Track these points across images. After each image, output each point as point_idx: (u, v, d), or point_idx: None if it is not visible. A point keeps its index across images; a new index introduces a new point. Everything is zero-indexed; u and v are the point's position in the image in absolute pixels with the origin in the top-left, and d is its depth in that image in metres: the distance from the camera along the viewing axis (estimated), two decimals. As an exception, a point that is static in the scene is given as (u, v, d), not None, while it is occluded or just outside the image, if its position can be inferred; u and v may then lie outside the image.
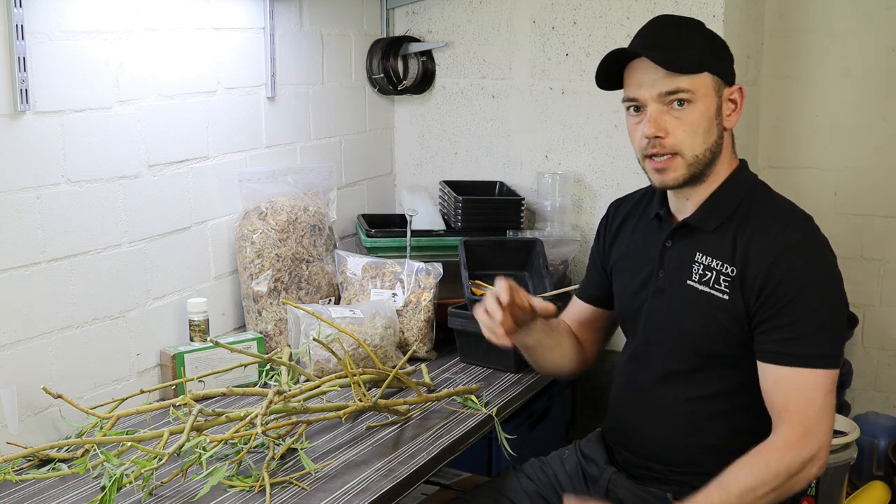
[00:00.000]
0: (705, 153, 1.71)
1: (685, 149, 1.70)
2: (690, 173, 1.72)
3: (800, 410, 1.63)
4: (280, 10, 2.41)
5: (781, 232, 1.68)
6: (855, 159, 2.99)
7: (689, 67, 1.69)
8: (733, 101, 1.75)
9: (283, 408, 1.77)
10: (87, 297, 1.91)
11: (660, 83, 1.68)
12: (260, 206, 2.28)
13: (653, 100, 1.69)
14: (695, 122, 1.69)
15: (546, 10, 2.73)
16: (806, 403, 1.63)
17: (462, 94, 2.89)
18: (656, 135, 1.69)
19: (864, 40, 2.92)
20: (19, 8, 1.70)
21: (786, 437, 1.64)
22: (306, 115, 2.56)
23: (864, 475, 2.91)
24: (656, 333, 1.82)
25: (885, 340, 3.05)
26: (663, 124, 1.69)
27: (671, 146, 1.70)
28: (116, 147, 1.96)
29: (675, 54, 1.69)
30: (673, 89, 1.68)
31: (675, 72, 1.68)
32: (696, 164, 1.71)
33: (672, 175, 1.72)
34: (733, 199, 1.75)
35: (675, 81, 1.68)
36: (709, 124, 1.71)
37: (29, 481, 1.65)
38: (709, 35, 1.78)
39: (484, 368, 2.25)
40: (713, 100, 1.71)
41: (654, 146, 1.70)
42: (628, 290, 1.88)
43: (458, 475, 2.23)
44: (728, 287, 1.70)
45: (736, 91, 1.75)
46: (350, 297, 2.35)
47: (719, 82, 1.72)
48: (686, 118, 1.69)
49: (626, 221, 1.94)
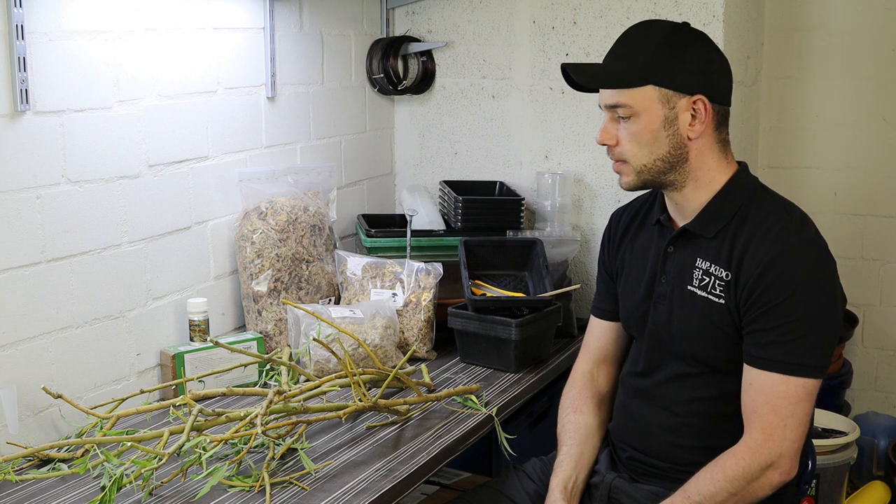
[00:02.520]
0: (655, 163, 1.73)
1: (630, 158, 1.74)
2: (642, 180, 1.76)
3: (764, 416, 1.65)
4: (280, 10, 2.41)
5: (777, 237, 1.68)
6: (855, 159, 2.99)
7: (626, 82, 1.70)
8: (693, 112, 1.70)
9: (283, 408, 1.77)
10: (87, 297, 1.91)
11: (604, 96, 1.75)
12: (260, 206, 2.28)
13: (605, 108, 1.76)
14: (637, 134, 1.72)
15: (546, 10, 2.73)
16: (771, 410, 1.64)
17: (462, 94, 2.89)
18: (605, 143, 1.76)
19: (864, 40, 2.92)
20: (19, 8, 1.70)
21: (747, 442, 1.66)
22: (306, 115, 2.56)
23: (864, 475, 2.91)
24: (660, 338, 1.82)
25: (885, 340, 3.05)
26: (613, 133, 1.75)
27: (618, 154, 1.76)
28: (116, 147, 1.96)
29: (613, 68, 1.73)
30: (612, 104, 1.73)
31: (609, 87, 1.72)
32: (646, 173, 1.74)
33: (624, 179, 1.78)
34: (733, 204, 1.75)
35: (614, 96, 1.72)
36: (653, 136, 1.71)
37: (29, 481, 1.65)
38: (663, 45, 1.70)
39: (484, 368, 2.25)
40: (658, 112, 1.70)
41: (609, 152, 1.78)
42: (633, 295, 1.88)
43: (458, 475, 2.23)
44: (723, 291, 1.71)
45: (698, 101, 1.70)
46: (350, 297, 2.35)
47: (668, 94, 1.69)
48: (629, 129, 1.72)
49: (629, 229, 1.95)
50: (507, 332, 2.20)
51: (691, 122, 1.71)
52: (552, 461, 1.99)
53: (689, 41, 1.73)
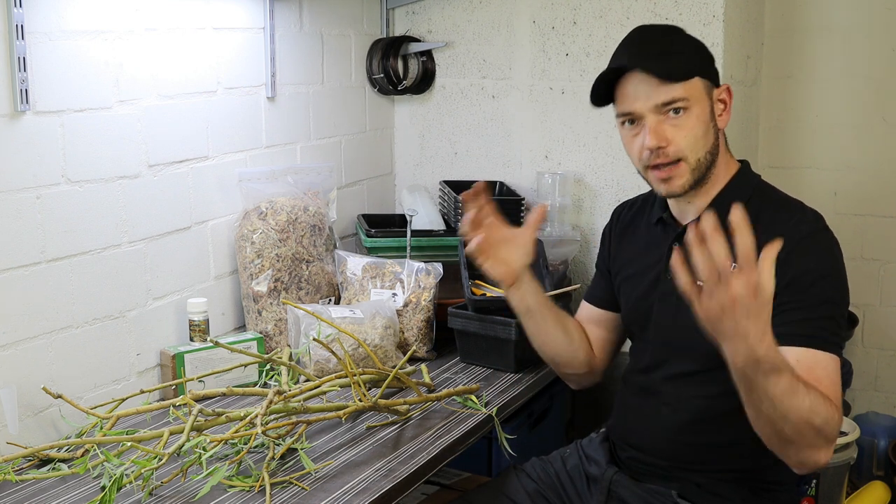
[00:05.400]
0: (706, 156, 1.74)
1: (689, 154, 1.71)
2: (695, 178, 1.74)
3: (830, 389, 1.58)
4: (280, 10, 2.41)
5: (797, 226, 1.69)
6: (855, 159, 2.99)
7: (682, 75, 1.71)
8: (722, 101, 1.77)
9: (283, 408, 1.77)
10: (87, 297, 1.91)
11: (655, 94, 1.70)
12: (260, 206, 2.28)
13: (650, 111, 1.71)
14: (694, 128, 1.71)
15: (546, 10, 2.73)
16: (833, 385, 1.59)
17: (462, 94, 2.89)
18: (659, 145, 1.71)
19: (864, 40, 2.92)
20: (19, 8, 1.70)
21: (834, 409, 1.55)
22: (306, 115, 2.56)
23: (864, 475, 2.91)
24: (665, 335, 1.82)
25: (885, 340, 3.05)
26: (664, 133, 1.70)
27: (674, 154, 1.71)
28: (116, 147, 1.96)
29: (667, 63, 1.71)
30: (669, 99, 1.70)
31: (671, 81, 1.70)
32: (700, 168, 1.73)
33: (678, 182, 1.73)
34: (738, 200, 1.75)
35: (670, 91, 1.69)
36: (706, 127, 1.73)
37: (29, 481, 1.65)
38: (691, 39, 1.80)
39: (484, 368, 2.25)
40: (706, 103, 1.74)
41: (658, 156, 1.72)
42: (635, 294, 1.89)
43: (458, 475, 2.23)
44: None
45: (724, 91, 1.77)
46: (350, 297, 2.35)
47: (709, 85, 1.75)
48: (684, 125, 1.70)
49: (630, 226, 1.95)
50: (507, 332, 2.20)
51: (720, 112, 1.76)
52: (553, 461, 1.99)
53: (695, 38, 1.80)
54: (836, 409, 1.53)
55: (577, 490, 1.93)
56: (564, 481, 1.95)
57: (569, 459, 1.98)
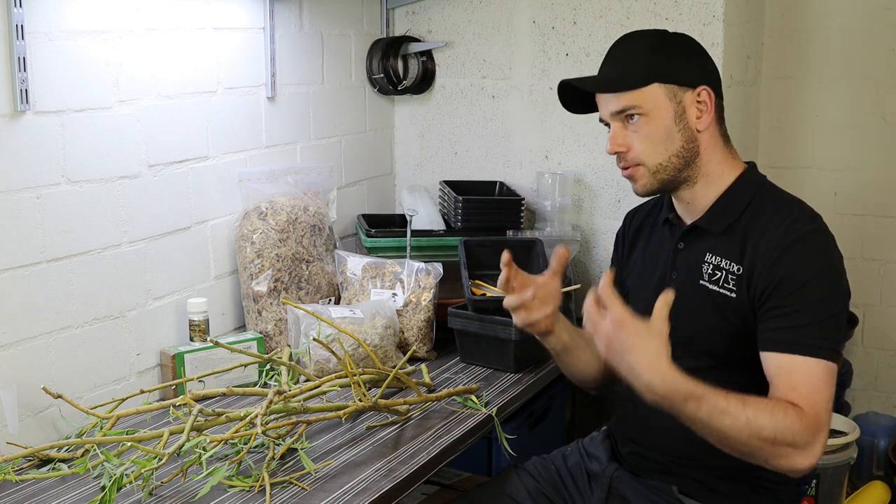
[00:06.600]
0: (670, 160, 1.75)
1: (645, 159, 1.75)
2: (658, 180, 1.77)
3: (807, 396, 1.59)
4: (280, 10, 2.41)
5: (791, 227, 1.69)
6: (855, 159, 2.99)
7: (631, 84, 1.73)
8: (702, 102, 1.75)
9: (283, 408, 1.77)
10: (87, 297, 1.91)
11: (610, 103, 1.76)
12: (260, 206, 2.28)
13: (611, 118, 1.77)
14: (650, 133, 1.74)
15: (546, 10, 2.73)
16: (812, 391, 1.60)
17: (462, 94, 2.89)
18: (617, 151, 1.77)
19: (864, 40, 2.92)
20: (19, 8, 1.70)
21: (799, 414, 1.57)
22: (306, 115, 2.56)
23: (864, 475, 2.91)
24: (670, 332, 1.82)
25: (885, 340, 3.05)
26: (623, 140, 1.76)
27: (632, 159, 1.77)
28: (116, 147, 1.96)
29: (613, 75, 1.76)
30: (620, 108, 1.74)
31: (616, 91, 1.74)
32: (662, 172, 1.76)
33: (640, 183, 1.78)
34: (742, 201, 1.77)
35: (621, 100, 1.74)
36: (666, 133, 1.74)
37: (29, 481, 1.65)
38: (658, 45, 1.77)
39: (484, 368, 2.25)
40: (668, 108, 1.73)
41: (620, 160, 1.79)
42: (643, 294, 1.89)
43: (458, 475, 2.23)
44: (735, 285, 1.72)
45: (702, 92, 1.75)
46: (350, 297, 2.35)
47: (673, 89, 1.74)
48: (641, 130, 1.74)
49: (641, 230, 1.96)
50: (507, 332, 2.20)
51: (699, 114, 1.75)
52: (554, 459, 1.99)
53: (679, 40, 1.80)
54: (803, 416, 1.54)
55: (578, 487, 1.93)
56: (565, 478, 1.95)
57: (570, 457, 1.98)
